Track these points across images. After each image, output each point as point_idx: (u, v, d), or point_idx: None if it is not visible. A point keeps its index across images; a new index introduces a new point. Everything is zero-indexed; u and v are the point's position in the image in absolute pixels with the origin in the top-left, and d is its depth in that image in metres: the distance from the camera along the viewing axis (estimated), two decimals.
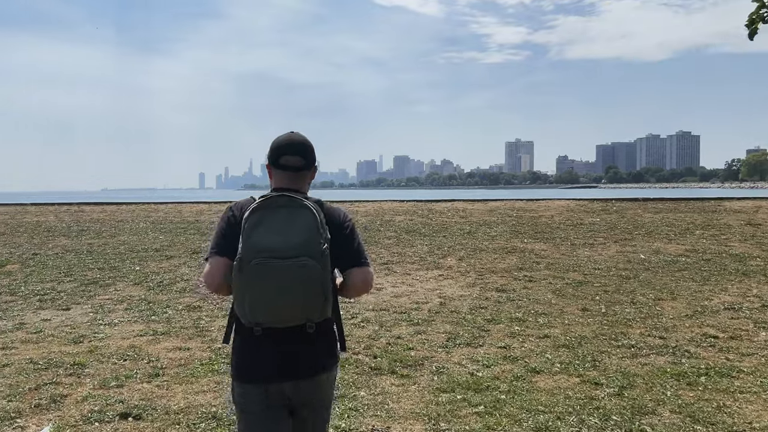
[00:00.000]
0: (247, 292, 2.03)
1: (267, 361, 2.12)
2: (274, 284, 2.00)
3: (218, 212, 19.51)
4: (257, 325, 2.05)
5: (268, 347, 2.11)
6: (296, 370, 2.15)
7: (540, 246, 11.44)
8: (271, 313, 2.05)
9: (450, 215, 16.93)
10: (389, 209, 19.45)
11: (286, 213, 2.07)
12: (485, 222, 15.17)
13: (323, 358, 2.22)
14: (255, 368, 2.13)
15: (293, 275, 2.00)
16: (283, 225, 2.05)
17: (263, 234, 2.03)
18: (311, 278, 2.02)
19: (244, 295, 2.04)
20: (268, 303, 2.03)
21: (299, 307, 2.05)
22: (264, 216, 2.06)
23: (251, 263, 2.00)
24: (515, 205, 20.57)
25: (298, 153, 2.25)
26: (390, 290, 7.81)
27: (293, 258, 2.00)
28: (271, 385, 2.14)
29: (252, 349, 2.13)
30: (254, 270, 2.00)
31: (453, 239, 12.35)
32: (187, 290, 7.98)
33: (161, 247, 12.00)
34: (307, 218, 2.07)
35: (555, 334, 5.69)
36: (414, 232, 13.37)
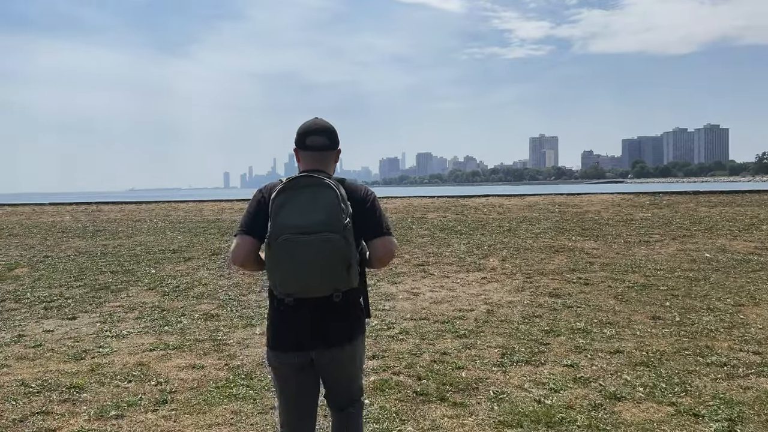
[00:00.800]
0: (277, 266, 2.24)
1: (298, 329, 2.33)
2: (301, 258, 2.19)
3: (240, 210, 19.04)
4: (288, 296, 2.25)
5: (299, 317, 2.31)
6: (325, 338, 2.35)
7: (590, 244, 10.68)
8: (299, 284, 2.23)
9: (486, 211, 16.21)
10: (420, 206, 18.80)
11: (309, 192, 2.25)
12: (526, 218, 14.42)
13: (351, 326, 2.42)
14: (287, 336, 2.36)
15: (318, 249, 2.18)
16: (307, 204, 2.23)
17: (289, 213, 2.22)
18: (335, 251, 2.20)
19: (274, 270, 2.25)
20: (297, 275, 2.21)
21: (326, 278, 2.23)
22: (289, 196, 2.24)
23: (279, 240, 2.20)
24: (555, 200, 19.74)
25: (322, 134, 2.45)
26: (429, 295, 7.17)
27: (317, 233, 2.18)
28: (302, 351, 2.36)
29: (284, 318, 2.35)
30: (282, 246, 2.19)
31: (493, 237, 11.66)
32: (205, 296, 7.45)
33: (179, 248, 11.55)
34: (328, 196, 2.25)
35: (628, 348, 4.98)
36: (449, 230, 12.71)
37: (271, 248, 2.23)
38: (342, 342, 2.39)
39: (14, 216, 19.17)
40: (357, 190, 2.42)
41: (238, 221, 2.48)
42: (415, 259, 9.55)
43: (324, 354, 2.37)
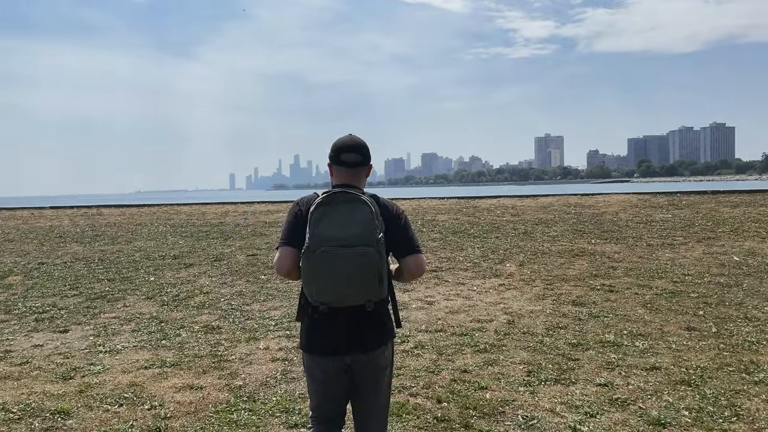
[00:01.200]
0: (315, 276, 2.37)
1: (332, 336, 2.49)
2: (338, 270, 2.34)
3: (244, 213, 18.77)
4: (323, 305, 2.41)
5: (333, 324, 2.47)
6: (357, 345, 2.51)
7: (611, 247, 10.31)
8: (336, 294, 2.40)
9: (499, 213, 15.85)
10: (430, 208, 18.45)
11: (346, 207, 2.41)
12: (541, 220, 14.06)
13: (381, 334, 2.57)
14: (321, 342, 2.52)
15: (354, 262, 2.34)
16: (344, 218, 2.39)
17: (327, 226, 2.37)
18: (370, 264, 2.36)
19: (312, 279, 2.39)
20: (333, 285, 2.38)
21: (360, 288, 2.39)
22: (327, 210, 2.40)
23: (317, 252, 2.34)
24: (570, 201, 19.36)
25: (356, 151, 2.60)
26: (444, 304, 6.83)
27: (354, 246, 2.34)
28: (335, 357, 2.52)
29: (318, 326, 2.50)
30: (320, 257, 2.34)
31: (508, 241, 11.31)
32: (206, 305, 7.14)
33: (180, 253, 11.25)
34: (364, 211, 2.41)
35: (665, 364, 4.63)
36: (462, 233, 12.37)
37: (310, 259, 2.37)
38: (377, 347, 2.56)
39: (12, 220, 18.95)
40: (389, 207, 2.58)
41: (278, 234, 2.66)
42: (428, 264, 9.21)
43: (361, 359, 2.54)
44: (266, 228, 14.57)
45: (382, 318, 2.59)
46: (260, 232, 13.92)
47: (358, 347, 2.52)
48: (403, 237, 2.56)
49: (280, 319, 6.37)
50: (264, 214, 18.34)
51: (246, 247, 11.74)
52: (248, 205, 23.58)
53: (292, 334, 5.72)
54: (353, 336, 2.51)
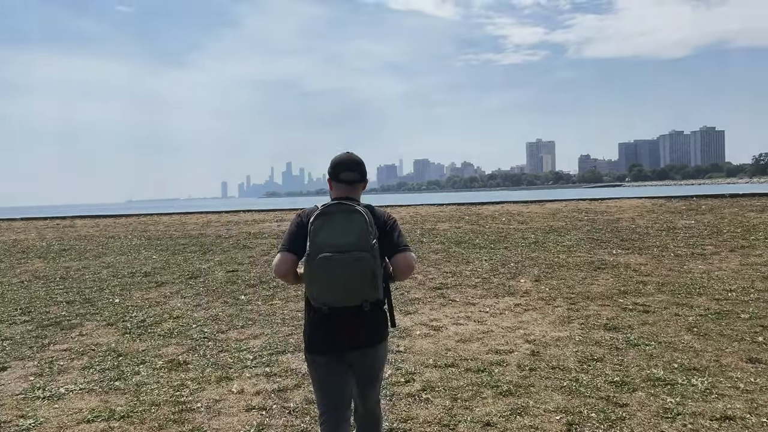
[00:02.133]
0: (315, 279, 2.72)
1: (333, 334, 2.86)
2: (336, 273, 2.69)
3: (227, 224, 17.94)
4: (324, 305, 2.76)
5: (333, 324, 2.84)
6: (355, 342, 2.88)
7: (636, 259, 9.55)
8: (335, 295, 2.74)
9: (505, 220, 15.09)
10: (428, 215, 17.69)
11: (342, 217, 2.78)
12: (552, 228, 13.30)
13: (377, 332, 2.95)
14: (322, 341, 2.89)
15: (351, 266, 2.69)
16: (341, 227, 2.75)
17: (326, 235, 2.73)
18: (365, 267, 2.70)
19: (313, 282, 2.73)
20: (332, 287, 2.72)
21: (357, 290, 2.73)
22: (326, 221, 2.77)
23: (317, 257, 2.68)
24: (579, 206, 18.63)
25: (354, 170, 2.98)
26: (453, 330, 6.03)
27: (350, 252, 2.69)
28: (335, 354, 2.90)
29: (320, 326, 2.87)
30: (320, 263, 2.68)
31: (518, 252, 10.54)
32: (174, 333, 6.33)
33: (152, 270, 10.42)
34: (359, 221, 2.77)
35: (737, 411, 3.84)
36: (466, 244, 11.60)
37: (310, 264, 2.68)
38: (373, 343, 2.93)
39: None
40: (381, 215, 2.93)
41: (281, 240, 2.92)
42: (431, 281, 8.42)
43: (357, 354, 2.91)
44: (250, 240, 13.75)
45: (378, 318, 2.93)
46: (243, 244, 13.10)
47: (356, 345, 2.88)
48: (391, 238, 2.89)
49: (259, 351, 5.57)
50: (248, 224, 17.52)
51: (226, 261, 10.92)
52: (233, 215, 22.75)
53: (273, 372, 4.93)
54: (351, 335, 2.85)
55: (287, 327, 6.43)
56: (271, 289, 8.36)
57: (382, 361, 3.08)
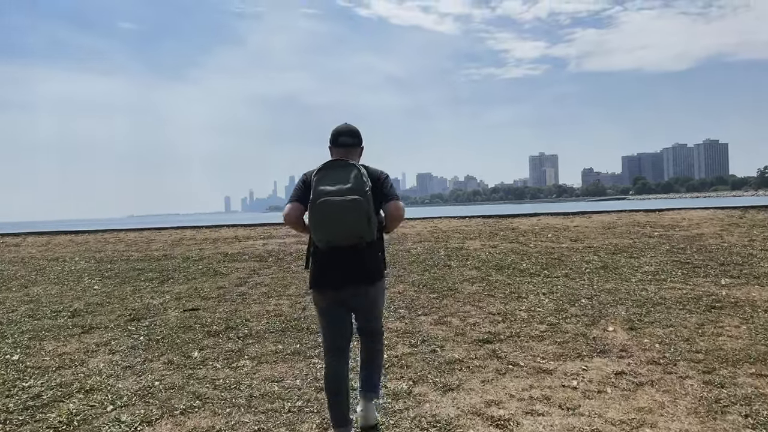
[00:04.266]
0: (317, 220, 3.57)
1: (333, 272, 3.71)
2: (334, 212, 3.53)
3: (202, 242, 15.87)
4: (327, 243, 3.61)
5: (333, 262, 3.69)
6: (353, 278, 3.73)
7: (759, 292, 7.39)
8: (334, 233, 3.58)
9: (551, 237, 12.96)
10: (451, 230, 15.57)
11: (340, 169, 3.65)
12: (617, 247, 11.17)
13: (373, 271, 3.81)
14: (325, 278, 3.74)
15: (347, 206, 3.52)
16: (338, 177, 3.60)
17: (326, 183, 3.58)
18: (360, 208, 3.53)
19: (315, 223, 3.59)
20: (332, 225, 3.56)
21: (353, 228, 3.56)
22: (326, 173, 3.64)
23: (318, 201, 3.54)
24: (636, 219, 16.49)
25: (350, 135, 3.94)
26: (529, 427, 3.90)
27: (346, 196, 3.53)
28: (336, 289, 3.75)
29: (322, 264, 3.73)
30: (320, 205, 3.54)
31: (586, 281, 8.41)
32: (74, 423, 4.23)
33: (85, 307, 8.34)
34: (354, 171, 3.62)
35: None
36: (510, 270, 9.47)
37: (312, 208, 3.57)
38: (368, 281, 3.79)
39: None
40: (375, 171, 3.83)
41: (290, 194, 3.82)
42: (473, 328, 6.30)
43: (354, 289, 3.77)
44: (225, 263, 11.66)
45: (374, 259, 3.82)
46: (215, 269, 11.00)
47: (353, 280, 3.75)
48: (383, 190, 3.77)
49: None
50: (228, 242, 15.44)
51: (186, 294, 8.82)
52: (214, 230, 20.69)
53: None
54: (349, 271, 3.72)
55: (254, 415, 4.34)
56: (240, 340, 6.27)
57: (380, 298, 3.98)
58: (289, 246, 13.51)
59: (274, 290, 8.72)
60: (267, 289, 8.85)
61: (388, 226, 3.81)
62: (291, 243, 14.11)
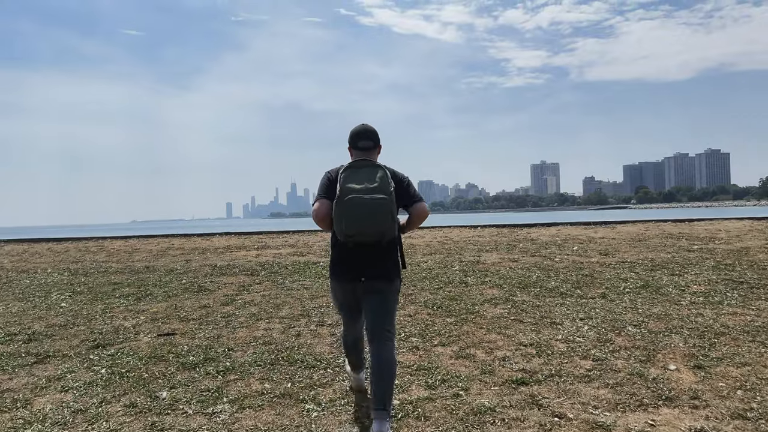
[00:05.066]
0: (343, 216, 3.85)
1: (354, 264, 4.05)
2: (361, 210, 3.81)
3: (191, 252, 14.97)
4: (349, 239, 3.90)
5: (354, 256, 4.02)
6: (373, 272, 4.04)
7: None
8: (359, 228, 3.86)
9: (578, 250, 12.01)
10: (464, 241, 14.63)
11: (366, 169, 3.96)
12: (654, 262, 10.21)
13: (391, 267, 4.13)
14: (345, 270, 4.11)
15: (373, 205, 3.81)
16: (365, 176, 3.91)
17: (353, 181, 3.88)
18: (385, 207, 3.84)
19: (340, 219, 3.86)
20: (358, 221, 3.83)
21: (377, 225, 3.85)
22: (352, 172, 3.95)
23: (345, 198, 3.83)
24: (666, 229, 15.54)
25: (369, 138, 4.23)
26: None
27: (372, 194, 3.82)
28: (355, 281, 4.09)
29: (343, 257, 4.09)
30: (348, 202, 3.82)
31: (628, 302, 7.46)
32: None
33: (46, 329, 7.43)
34: (380, 172, 3.94)
35: None
36: (537, 288, 8.52)
37: (339, 204, 3.85)
38: (385, 278, 4.08)
39: None
40: (397, 173, 4.15)
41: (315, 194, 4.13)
42: (503, 363, 5.35)
43: (370, 285, 4.06)
44: (212, 277, 10.75)
45: (393, 258, 4.15)
46: (200, 284, 10.08)
47: (371, 276, 4.04)
48: (408, 193, 4.12)
49: None
50: (218, 252, 14.52)
51: (164, 315, 7.90)
52: (205, 239, 19.79)
53: None
54: (368, 266, 4.04)
55: None
56: (220, 376, 5.34)
57: (394, 298, 4.21)
58: (285, 258, 12.59)
59: (264, 311, 7.80)
60: (256, 309, 7.92)
61: (411, 226, 4.30)
62: (287, 254, 13.19)
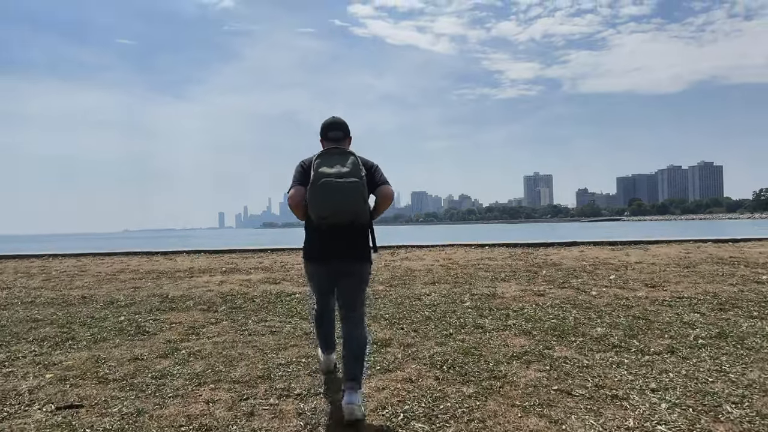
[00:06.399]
0: (317, 199, 4.38)
1: (326, 246, 4.59)
2: (334, 192, 4.31)
3: (146, 274, 13.22)
4: (323, 220, 4.42)
5: (328, 237, 4.56)
6: (345, 252, 4.60)
7: None
8: (332, 210, 4.37)
9: (612, 278, 10.32)
10: (471, 264, 12.93)
11: (338, 156, 4.51)
12: (719, 298, 8.55)
13: (363, 249, 4.69)
14: (318, 251, 4.68)
15: (346, 187, 4.32)
16: (337, 162, 4.43)
17: (326, 167, 4.39)
18: (357, 189, 4.35)
19: (314, 202, 4.39)
20: (331, 203, 4.35)
21: (350, 207, 4.36)
22: (325, 158, 4.48)
23: (319, 182, 4.35)
24: (710, 252, 13.90)
25: (339, 129, 4.87)
26: None
27: (345, 178, 4.33)
28: (327, 261, 4.66)
29: (317, 239, 4.65)
30: (321, 186, 4.34)
31: (710, 362, 5.79)
32: None
33: None
34: (351, 158, 4.49)
35: None
36: (580, 336, 6.82)
37: (313, 188, 4.36)
38: (357, 259, 4.64)
39: None
40: (367, 161, 4.71)
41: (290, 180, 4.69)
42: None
43: (342, 264, 4.62)
44: (159, 313, 9.01)
45: (364, 240, 4.68)
46: (140, 324, 8.35)
47: (344, 256, 4.59)
48: (375, 176, 4.65)
49: None
50: (177, 277, 12.75)
51: (80, 372, 6.17)
52: (168, 258, 18.04)
53: None
54: (341, 247, 4.57)
55: None
56: None
57: (365, 278, 4.78)
58: (254, 286, 10.85)
59: (212, 368, 6.07)
60: (202, 366, 6.18)
61: (378, 209, 4.75)
62: (258, 281, 11.46)
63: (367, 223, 4.61)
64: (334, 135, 4.82)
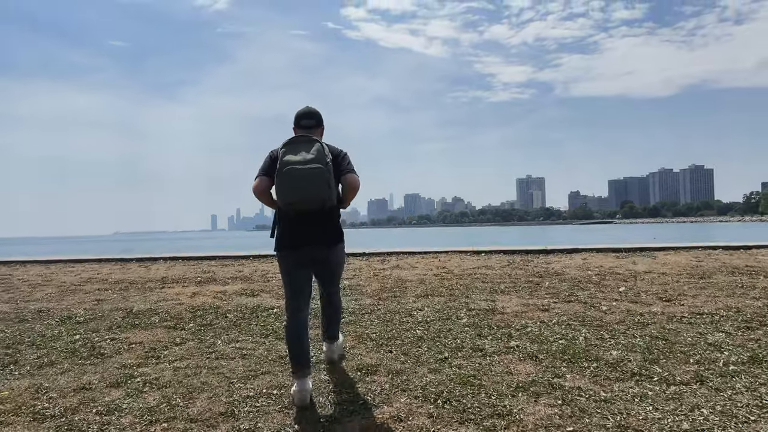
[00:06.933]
0: (283, 185, 4.67)
1: (297, 234, 4.90)
2: (299, 179, 4.60)
3: (113, 285, 12.45)
4: (290, 206, 4.73)
5: (298, 225, 4.88)
6: (316, 239, 4.95)
7: None
8: (298, 196, 4.66)
9: (622, 290, 9.62)
10: (466, 273, 12.23)
11: (303, 143, 4.80)
12: (743, 315, 7.91)
13: (334, 234, 5.08)
14: (289, 240, 4.94)
15: (310, 174, 4.60)
16: (302, 149, 4.73)
17: (291, 155, 4.70)
18: (321, 174, 4.63)
19: (281, 189, 4.69)
20: (297, 189, 4.63)
21: (315, 192, 4.63)
22: (290, 147, 4.79)
23: (284, 170, 4.64)
24: (723, 260, 13.25)
25: (311, 117, 5.19)
26: None
27: (309, 164, 4.62)
28: (299, 249, 4.96)
29: (288, 227, 4.95)
30: (286, 173, 4.63)
31: (746, 394, 5.09)
32: None
33: None
34: (316, 145, 4.78)
35: None
36: (592, 361, 6.12)
37: (279, 176, 4.65)
38: (331, 243, 5.04)
39: None
40: (335, 149, 4.97)
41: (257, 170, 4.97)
42: None
43: (314, 250, 4.98)
44: (119, 331, 8.26)
45: (334, 225, 5.04)
46: (95, 343, 7.59)
47: (315, 242, 4.93)
48: (342, 164, 4.92)
49: None
50: (148, 288, 11.98)
51: (12, 407, 5.40)
52: (142, 266, 17.26)
53: None
54: (312, 234, 4.89)
55: None
56: None
57: (340, 260, 5.27)
58: (229, 299, 10.09)
59: (168, 402, 5.32)
60: (156, 398, 5.43)
61: (345, 198, 5.01)
62: (233, 293, 10.70)
63: (336, 208, 5.03)
64: (307, 123, 5.17)
